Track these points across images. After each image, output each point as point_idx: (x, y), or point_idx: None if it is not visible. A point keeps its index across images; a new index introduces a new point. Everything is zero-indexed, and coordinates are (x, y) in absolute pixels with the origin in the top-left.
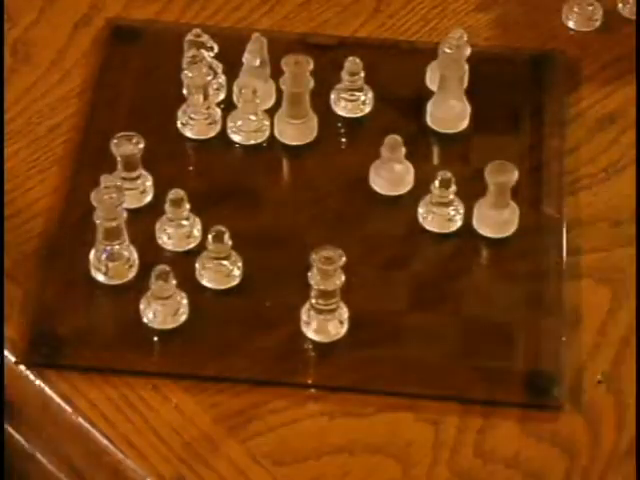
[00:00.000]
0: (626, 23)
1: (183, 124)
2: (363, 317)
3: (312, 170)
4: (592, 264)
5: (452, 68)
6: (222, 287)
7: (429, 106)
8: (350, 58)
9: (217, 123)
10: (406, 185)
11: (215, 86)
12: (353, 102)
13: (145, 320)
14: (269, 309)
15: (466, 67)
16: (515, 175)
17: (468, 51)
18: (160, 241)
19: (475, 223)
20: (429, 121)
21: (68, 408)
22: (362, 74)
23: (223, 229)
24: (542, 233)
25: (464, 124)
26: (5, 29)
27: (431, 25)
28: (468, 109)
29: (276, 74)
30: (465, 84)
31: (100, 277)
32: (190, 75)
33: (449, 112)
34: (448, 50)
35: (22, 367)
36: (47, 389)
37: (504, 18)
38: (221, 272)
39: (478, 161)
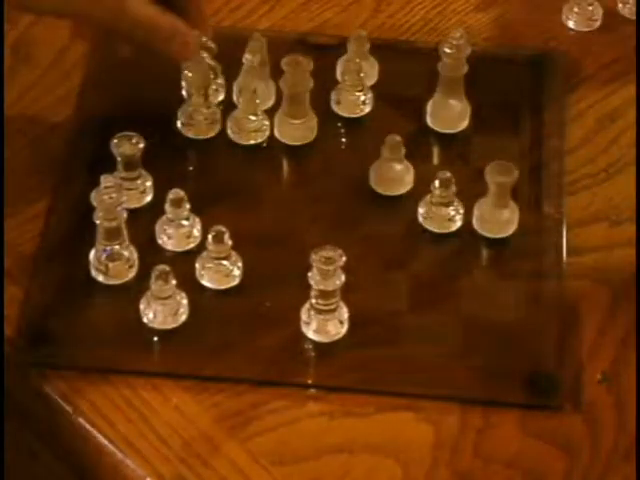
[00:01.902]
0: (626, 23)
1: (183, 124)
2: (363, 317)
3: (312, 170)
4: (592, 264)
5: (452, 68)
6: (222, 287)
7: (429, 106)
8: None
9: (217, 123)
10: (406, 185)
11: (214, 86)
12: (353, 102)
13: (145, 320)
14: (269, 309)
15: (466, 67)
16: (515, 175)
17: (468, 51)
18: (160, 241)
19: (475, 223)
20: (429, 121)
21: (68, 408)
22: (362, 74)
23: (223, 229)
24: (542, 233)
25: (464, 124)
26: (5, 29)
27: (431, 25)
28: (468, 109)
29: (276, 74)
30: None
31: (100, 277)
32: (190, 75)
33: (449, 112)
34: (448, 50)
35: (22, 367)
36: (47, 389)
37: (504, 18)
38: (221, 272)
39: (478, 161)
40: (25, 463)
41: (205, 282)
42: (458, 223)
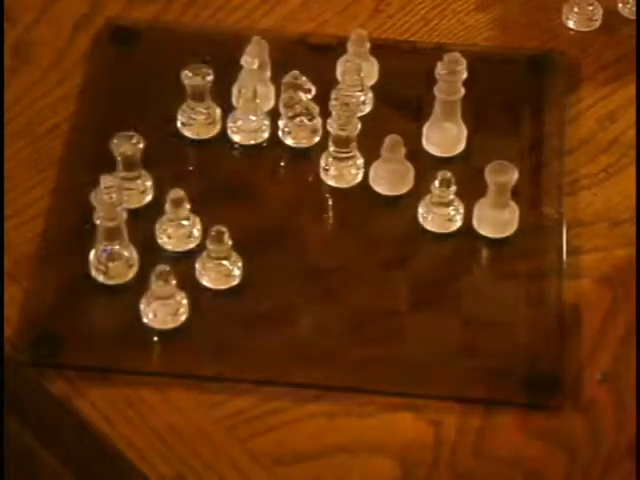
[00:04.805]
0: (626, 23)
1: (183, 124)
2: (363, 317)
3: (312, 170)
4: (592, 264)
5: (448, 92)
6: (222, 287)
7: (425, 129)
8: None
9: (217, 123)
10: (406, 185)
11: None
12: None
13: (145, 320)
14: (269, 309)
15: (462, 91)
16: (515, 175)
17: (464, 75)
18: (160, 241)
19: (475, 223)
20: (425, 145)
21: (68, 408)
22: (362, 74)
23: (223, 229)
24: (542, 233)
25: (460, 148)
26: (5, 29)
27: (431, 25)
28: (464, 133)
29: (276, 76)
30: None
31: (100, 277)
32: (190, 75)
33: (445, 136)
34: (444, 73)
35: (22, 367)
36: (47, 389)
37: (504, 18)
38: (221, 272)
39: (478, 161)
40: (25, 463)
41: (205, 282)
42: (458, 223)
